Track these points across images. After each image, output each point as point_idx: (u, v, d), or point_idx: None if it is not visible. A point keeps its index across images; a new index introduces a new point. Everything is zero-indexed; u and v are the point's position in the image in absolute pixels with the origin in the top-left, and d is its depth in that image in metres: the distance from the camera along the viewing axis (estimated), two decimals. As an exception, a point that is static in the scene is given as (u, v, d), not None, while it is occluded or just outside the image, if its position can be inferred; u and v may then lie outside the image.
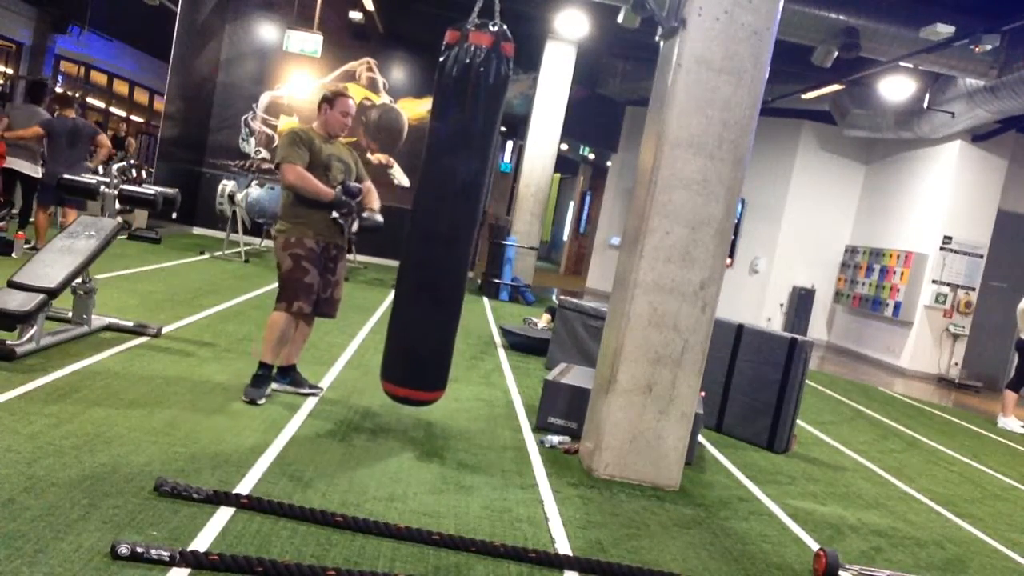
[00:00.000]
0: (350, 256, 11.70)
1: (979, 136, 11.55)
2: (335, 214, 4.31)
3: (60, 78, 15.87)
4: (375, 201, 4.58)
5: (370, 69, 13.44)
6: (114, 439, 3.35)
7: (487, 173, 3.92)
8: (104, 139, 8.14)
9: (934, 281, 11.80)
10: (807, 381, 5.89)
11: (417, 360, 3.99)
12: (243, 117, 13.20)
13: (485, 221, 12.62)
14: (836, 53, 8.63)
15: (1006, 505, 5.19)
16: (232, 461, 3.35)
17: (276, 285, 4.44)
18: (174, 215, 8.05)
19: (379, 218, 4.52)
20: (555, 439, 4.50)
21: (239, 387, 4.37)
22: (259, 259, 10.76)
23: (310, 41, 11.67)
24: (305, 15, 12.38)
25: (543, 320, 8.21)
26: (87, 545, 2.44)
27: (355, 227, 4.44)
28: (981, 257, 11.85)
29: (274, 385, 4.52)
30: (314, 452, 3.66)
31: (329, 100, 4.40)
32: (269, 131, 13.13)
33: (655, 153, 4.03)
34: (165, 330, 5.48)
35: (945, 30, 8.06)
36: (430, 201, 3.91)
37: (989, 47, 8.17)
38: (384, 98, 13.49)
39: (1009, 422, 8.36)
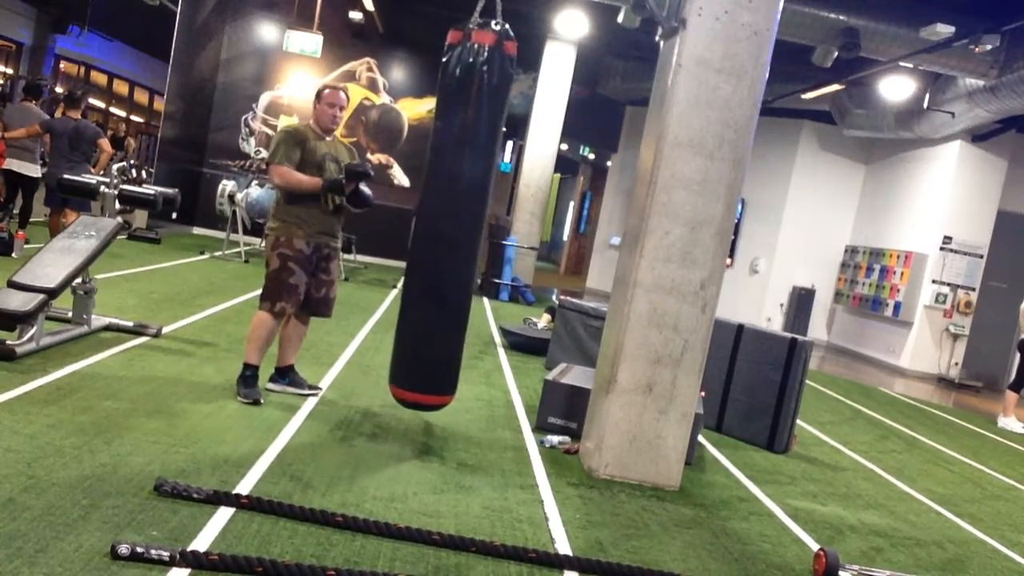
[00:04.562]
0: (350, 256, 11.70)
1: (979, 136, 11.54)
2: (334, 201, 4.22)
3: (60, 78, 15.87)
4: None
5: (370, 69, 13.44)
6: (114, 439, 3.35)
7: (492, 173, 3.91)
8: (106, 143, 8.11)
9: (934, 281, 11.80)
10: (807, 381, 5.89)
11: (425, 364, 3.96)
12: (243, 117, 13.20)
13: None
14: (836, 53, 8.63)
15: (1006, 505, 5.19)
16: (232, 461, 3.34)
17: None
18: (174, 215, 8.07)
19: (360, 166, 4.31)
20: (555, 439, 4.49)
21: (239, 387, 4.37)
22: (259, 259, 10.75)
23: (310, 41, 11.67)
24: (305, 15, 12.38)
25: (543, 320, 8.21)
26: (87, 545, 2.44)
27: (363, 189, 4.24)
28: (981, 257, 11.85)
29: (273, 386, 4.52)
30: (314, 452, 3.65)
31: (318, 94, 4.38)
32: (269, 131, 13.12)
33: (655, 153, 4.03)
34: (165, 330, 5.48)
35: (945, 30, 8.06)
36: (435, 203, 3.89)
37: (989, 47, 8.18)
38: (384, 98, 13.49)
39: (1009, 422, 8.35)
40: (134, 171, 11.92)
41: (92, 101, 16.60)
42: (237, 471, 3.25)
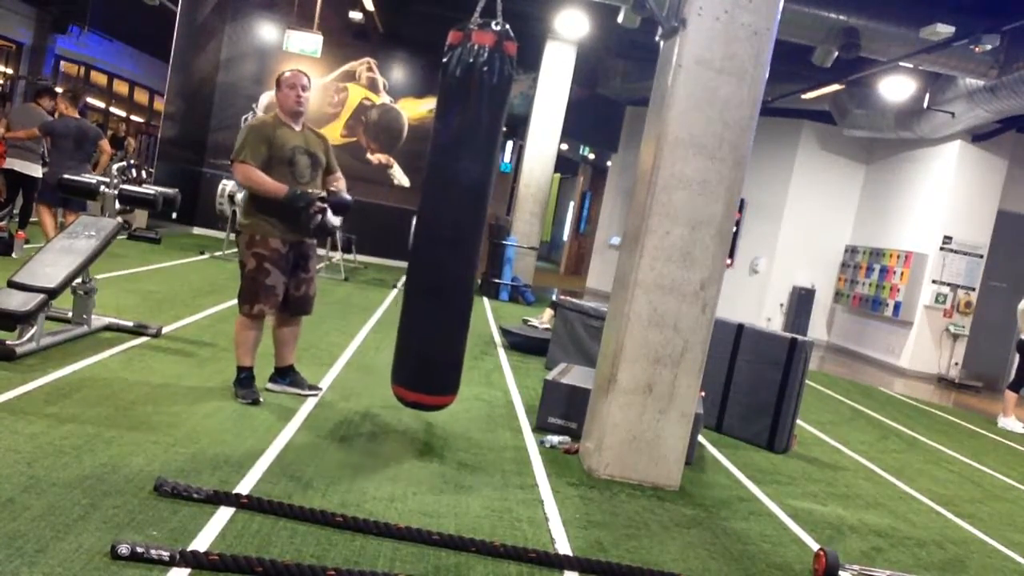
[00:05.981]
0: (350, 256, 11.70)
1: (979, 136, 11.54)
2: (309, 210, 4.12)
3: (60, 78, 15.86)
4: (340, 183, 4.42)
5: (370, 69, 13.44)
6: (114, 439, 3.35)
7: (492, 173, 3.91)
8: (106, 144, 8.10)
9: (934, 281, 11.80)
10: (807, 381, 5.89)
11: (427, 364, 3.95)
12: (243, 117, 13.19)
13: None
14: (836, 53, 8.63)
15: (1006, 505, 5.19)
16: (232, 461, 3.35)
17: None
18: (174, 215, 8.06)
19: (347, 197, 4.30)
20: (555, 439, 4.49)
21: (239, 387, 4.36)
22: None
23: (310, 41, 11.67)
24: (305, 15, 12.38)
25: (545, 315, 8.22)
26: (87, 545, 2.44)
27: (329, 217, 4.18)
28: (981, 257, 11.85)
29: (273, 386, 4.51)
30: (314, 452, 3.66)
31: (278, 81, 4.24)
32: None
33: (655, 153, 4.03)
34: (165, 330, 5.48)
35: (945, 30, 8.06)
36: (435, 203, 3.88)
37: (989, 47, 8.17)
38: (384, 98, 13.49)
39: (1009, 422, 8.36)
40: (134, 171, 11.92)
41: (92, 101, 16.60)
42: (237, 471, 3.25)
